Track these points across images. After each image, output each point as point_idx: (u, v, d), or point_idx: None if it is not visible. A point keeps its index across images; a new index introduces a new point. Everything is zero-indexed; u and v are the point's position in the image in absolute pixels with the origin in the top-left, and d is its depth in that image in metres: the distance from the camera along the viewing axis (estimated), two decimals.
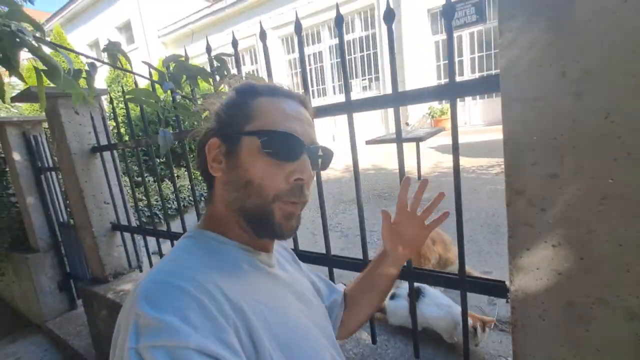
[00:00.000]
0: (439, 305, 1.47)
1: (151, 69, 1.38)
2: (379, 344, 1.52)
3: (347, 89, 1.24)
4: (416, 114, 9.95)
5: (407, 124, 9.78)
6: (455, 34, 8.95)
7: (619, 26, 0.69)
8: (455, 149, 1.07)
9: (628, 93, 0.71)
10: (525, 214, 0.85)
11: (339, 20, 1.14)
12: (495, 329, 1.59)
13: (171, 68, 1.29)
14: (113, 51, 1.22)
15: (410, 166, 5.03)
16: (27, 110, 6.97)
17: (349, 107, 1.24)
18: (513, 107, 0.83)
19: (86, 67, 1.14)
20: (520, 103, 0.81)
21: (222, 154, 0.64)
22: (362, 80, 11.14)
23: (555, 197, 0.81)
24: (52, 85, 1.07)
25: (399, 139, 1.18)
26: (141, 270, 2.69)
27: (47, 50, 1.07)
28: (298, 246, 1.56)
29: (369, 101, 1.22)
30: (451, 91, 1.01)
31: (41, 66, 0.99)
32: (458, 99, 1.01)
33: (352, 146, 1.31)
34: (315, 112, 1.30)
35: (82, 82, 1.23)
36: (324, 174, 6.70)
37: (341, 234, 3.21)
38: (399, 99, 1.12)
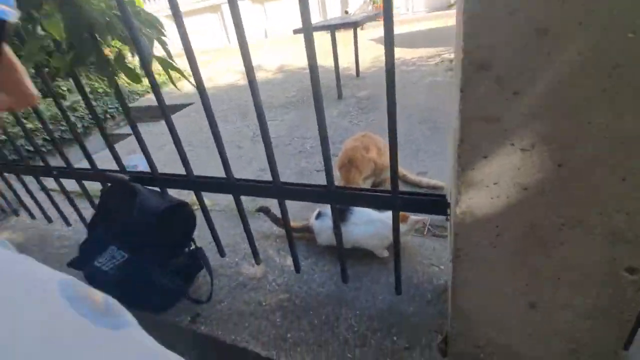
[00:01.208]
0: (368, 223, 1.29)
1: None
2: (306, 268, 1.34)
3: None
4: (356, 1, 8.83)
5: (346, 12, 8.69)
6: None
7: None
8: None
9: None
10: (489, 101, 0.52)
11: None
12: (429, 234, 1.51)
13: None
14: None
15: (348, 62, 4.51)
16: None
17: None
18: None
19: None
20: None
21: None
22: None
23: (540, 70, 0.48)
24: None
25: (306, 29, 0.73)
26: (17, 215, 2.15)
27: None
28: (192, 171, 1.16)
29: None
30: None
31: None
32: None
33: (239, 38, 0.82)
34: None
35: None
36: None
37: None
38: None
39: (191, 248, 1.29)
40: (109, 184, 1.32)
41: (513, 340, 0.79)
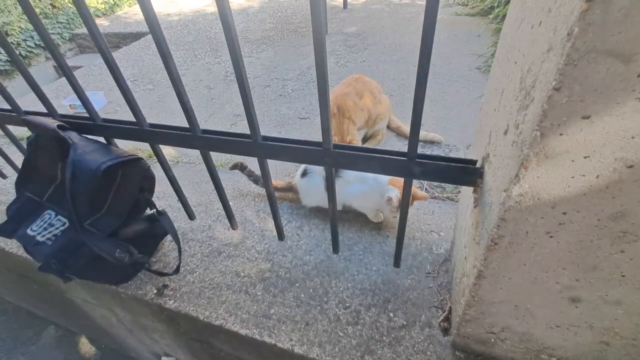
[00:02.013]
0: (362, 181, 1.11)
1: None
2: (290, 233, 1.18)
3: None
4: None
5: None
6: None
7: None
8: None
9: None
10: (629, 24, 0.31)
11: None
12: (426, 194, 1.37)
13: None
14: None
15: None
16: None
17: None
18: None
19: None
20: None
21: None
22: None
23: None
24: None
25: None
26: None
27: None
28: (144, 119, 0.90)
29: None
30: None
31: None
32: None
33: None
34: None
35: None
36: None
37: None
38: None
39: (151, 212, 1.07)
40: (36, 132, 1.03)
41: (535, 329, 0.68)
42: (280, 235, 1.08)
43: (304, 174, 1.22)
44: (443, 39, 2.71)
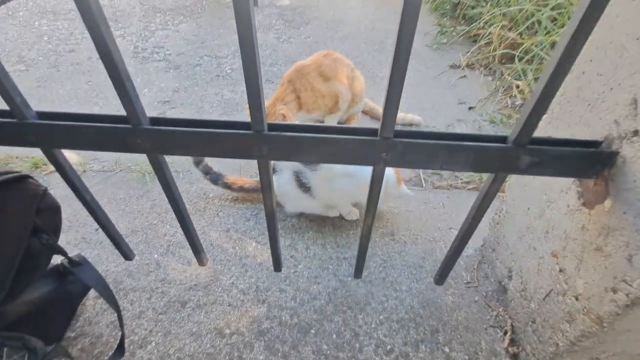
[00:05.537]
0: (349, 175, 0.85)
1: None
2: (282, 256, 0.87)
3: None
4: None
5: None
6: None
7: None
8: None
9: None
10: None
11: None
12: (427, 185, 1.18)
13: None
14: None
15: None
16: None
17: None
18: None
19: None
20: None
21: None
22: None
23: None
24: None
25: None
26: None
27: None
28: (25, 105, 0.48)
29: None
30: None
31: None
32: None
33: None
34: None
35: None
36: None
37: (168, 64, 1.93)
38: None
39: (61, 261, 0.65)
40: None
41: None
42: (278, 266, 0.76)
43: (273, 170, 0.91)
44: (389, 14, 2.58)
